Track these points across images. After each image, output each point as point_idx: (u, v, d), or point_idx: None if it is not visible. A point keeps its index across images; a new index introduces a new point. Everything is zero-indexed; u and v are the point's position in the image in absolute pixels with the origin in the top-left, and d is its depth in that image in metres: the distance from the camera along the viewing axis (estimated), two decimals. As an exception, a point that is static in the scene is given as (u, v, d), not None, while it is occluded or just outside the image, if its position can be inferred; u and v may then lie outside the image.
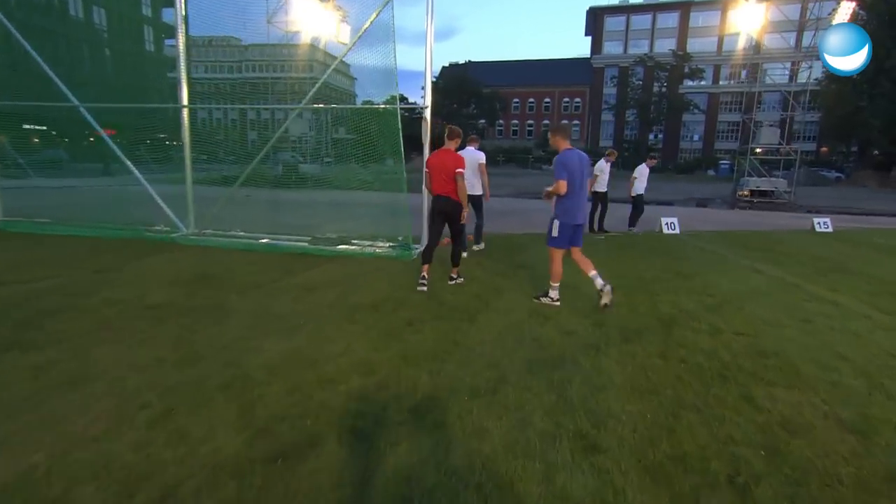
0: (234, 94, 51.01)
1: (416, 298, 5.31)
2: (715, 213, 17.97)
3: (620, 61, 68.67)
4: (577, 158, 5.09)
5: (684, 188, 32.49)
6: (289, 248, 7.81)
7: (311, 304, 5.03)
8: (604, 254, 8.41)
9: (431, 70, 7.94)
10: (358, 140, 8.83)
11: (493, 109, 67.31)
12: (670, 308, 5.15)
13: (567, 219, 5.20)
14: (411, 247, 7.83)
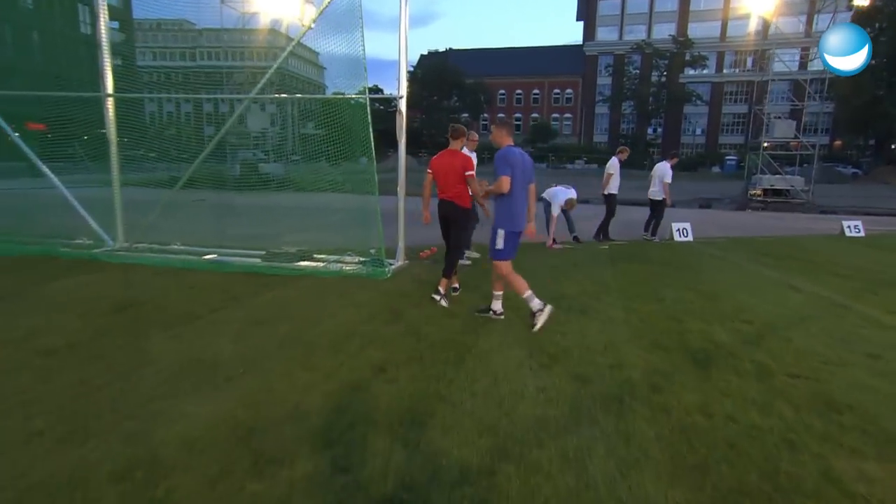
0: (188, 85, 49.92)
1: (390, 333, 4.71)
2: (726, 216, 17.71)
3: (615, 48, 69.16)
4: (521, 157, 4.92)
5: (688, 187, 32.43)
6: (237, 267, 7.14)
7: (256, 343, 4.39)
8: (611, 268, 7.91)
9: (407, 56, 7.38)
10: (327, 136, 8.29)
11: (476, 102, 67.20)
12: (702, 340, 4.62)
13: (513, 226, 4.95)
14: (385, 262, 7.24)
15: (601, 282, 6.98)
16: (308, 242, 8.51)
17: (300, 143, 15.53)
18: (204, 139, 9.68)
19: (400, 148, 7.41)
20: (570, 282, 6.93)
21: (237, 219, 11.67)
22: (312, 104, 18.92)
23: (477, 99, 67.47)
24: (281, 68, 24.26)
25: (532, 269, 7.69)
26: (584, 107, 72.91)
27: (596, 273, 7.54)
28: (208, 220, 11.44)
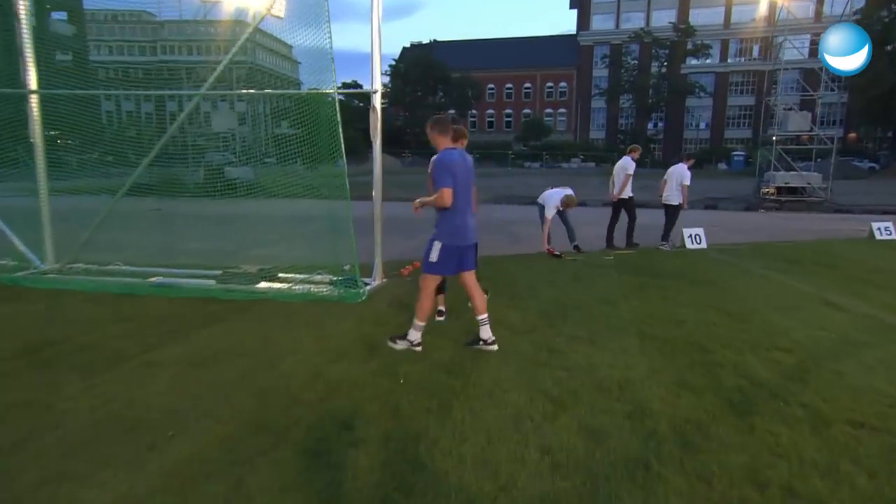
0: (150, 81, 49.16)
1: (362, 375, 4.19)
2: (738, 218, 17.40)
3: (612, 38, 69.39)
4: (462, 160, 4.61)
5: (693, 186, 32.13)
6: (186, 291, 6.59)
7: (195, 391, 3.85)
8: (618, 282, 7.46)
9: (381, 47, 6.90)
10: (297, 136, 7.82)
11: (464, 97, 67.02)
12: (736, 376, 4.14)
13: (455, 240, 4.59)
14: (360, 282, 6.72)
15: (608, 300, 6.52)
16: (273, 258, 7.98)
17: (272, 144, 14.96)
18: (170, 141, 9.25)
19: (375, 148, 6.94)
20: (573, 301, 6.46)
21: (195, 231, 11.11)
22: (284, 101, 18.39)
23: (464, 94, 67.27)
24: (251, 63, 23.75)
25: (528, 284, 7.24)
26: (580, 101, 72.95)
27: (601, 289, 7.07)
28: (160, 233, 10.86)
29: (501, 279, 7.57)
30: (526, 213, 17.95)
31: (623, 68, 65.64)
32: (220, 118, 22.95)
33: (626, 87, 64.64)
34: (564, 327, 5.41)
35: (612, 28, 70.87)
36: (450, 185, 4.40)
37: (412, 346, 4.70)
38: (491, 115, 77.03)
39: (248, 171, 27.53)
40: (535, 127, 68.46)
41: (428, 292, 4.73)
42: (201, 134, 27.24)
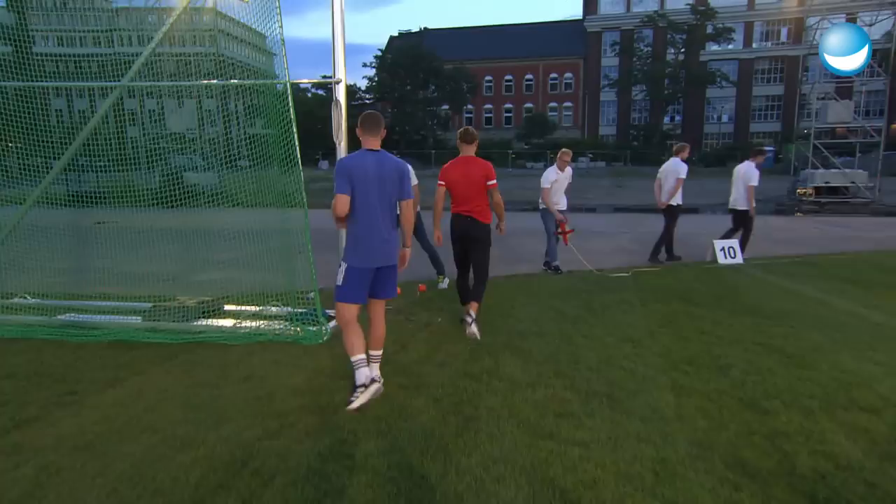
0: (105, 76, 48.52)
1: (306, 457, 3.43)
2: (774, 224, 16.69)
3: (623, 23, 69.16)
4: (375, 164, 4.21)
5: (715, 187, 31.53)
6: (100, 334, 5.82)
7: (65, 493, 3.09)
8: (641, 312, 6.73)
9: (343, 25, 6.18)
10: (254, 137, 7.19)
11: (458, 91, 66.51)
12: (812, 455, 3.39)
13: (359, 260, 4.22)
14: (323, 316, 5.99)
15: (631, 337, 5.79)
16: (223, 284, 7.24)
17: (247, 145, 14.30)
18: (127, 142, 8.59)
19: (338, 148, 6.21)
20: (587, 339, 5.73)
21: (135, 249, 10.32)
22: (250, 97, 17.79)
23: (459, 87, 66.70)
24: (220, 56, 23.15)
25: (530, 316, 6.51)
26: (587, 93, 72.61)
27: (621, 322, 6.35)
28: (92, 254, 10.07)
29: (496, 309, 6.84)
30: (527, 222, 17.18)
31: (635, 56, 65.27)
32: (176, 117, 22.28)
33: (638, 78, 64.20)
34: (577, 378, 4.67)
35: (622, 12, 70.60)
36: (344, 192, 4.05)
37: (366, 389, 4.16)
38: (489, 111, 76.59)
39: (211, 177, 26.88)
40: (538, 123, 67.87)
41: (344, 322, 4.28)
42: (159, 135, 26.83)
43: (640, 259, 10.49)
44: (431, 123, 67.40)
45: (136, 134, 9.41)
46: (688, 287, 8.09)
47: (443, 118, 68.69)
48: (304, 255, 5.99)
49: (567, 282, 8.58)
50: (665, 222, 10.41)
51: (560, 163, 9.28)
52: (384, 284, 4.38)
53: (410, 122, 65.94)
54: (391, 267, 4.37)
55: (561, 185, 9.33)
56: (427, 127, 67.00)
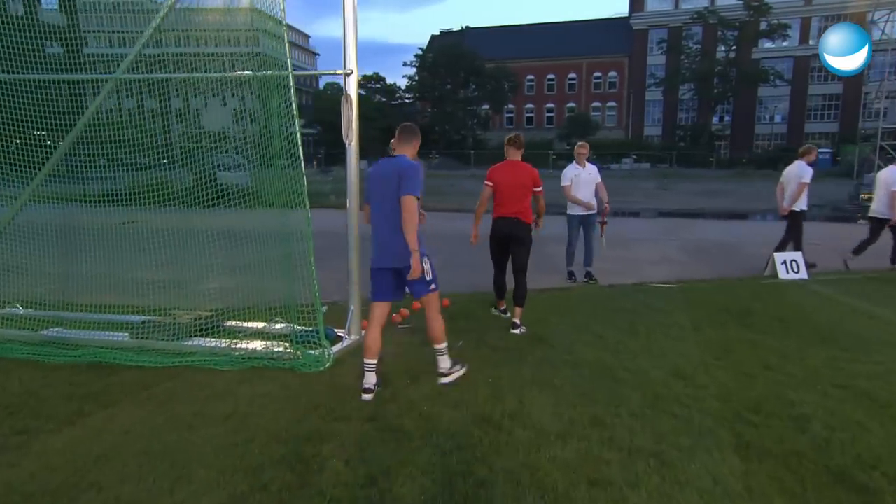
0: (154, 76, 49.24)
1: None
2: (836, 231, 15.38)
3: (671, 20, 67.35)
4: (377, 169, 4.60)
5: (769, 190, 29.88)
6: (81, 354, 5.24)
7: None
8: (693, 337, 5.86)
9: (356, 13, 5.48)
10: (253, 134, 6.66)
11: (499, 90, 65.66)
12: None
13: (372, 262, 4.61)
14: (327, 336, 5.31)
15: (681, 370, 4.96)
16: (231, 293, 6.60)
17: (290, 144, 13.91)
18: (172, 140, 8.31)
19: (350, 149, 5.54)
20: (629, 371, 4.93)
21: (149, 253, 9.83)
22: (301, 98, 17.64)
23: (499, 87, 65.81)
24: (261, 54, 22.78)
25: (563, 340, 5.70)
26: (632, 93, 70.89)
27: (670, 350, 5.51)
28: (103, 257, 9.60)
29: (529, 330, 6.07)
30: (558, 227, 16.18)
31: (683, 54, 63.28)
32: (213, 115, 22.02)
33: (686, 76, 62.29)
34: (617, 427, 3.87)
35: (670, 9, 68.74)
36: (366, 201, 4.60)
37: (365, 391, 4.42)
38: (530, 111, 75.49)
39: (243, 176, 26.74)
40: (580, 123, 66.35)
41: (368, 320, 4.63)
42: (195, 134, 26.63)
43: (686, 270, 9.58)
44: (471, 123, 66.68)
45: (174, 132, 8.92)
46: (746, 307, 7.17)
47: (483, 118, 67.96)
48: (306, 265, 5.32)
49: (607, 297, 7.74)
50: (787, 229, 9.61)
51: (578, 158, 8.66)
52: (410, 285, 4.51)
53: (450, 122, 65.38)
54: (398, 270, 4.44)
55: (585, 182, 8.61)
56: (467, 127, 66.30)
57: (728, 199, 25.22)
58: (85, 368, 4.98)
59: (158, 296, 6.66)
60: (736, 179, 39.71)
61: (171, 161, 8.29)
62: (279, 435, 3.78)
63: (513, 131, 6.89)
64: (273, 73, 5.32)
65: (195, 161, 7.73)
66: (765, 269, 9.35)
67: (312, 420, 4.03)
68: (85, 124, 6.09)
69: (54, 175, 6.47)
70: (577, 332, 6.10)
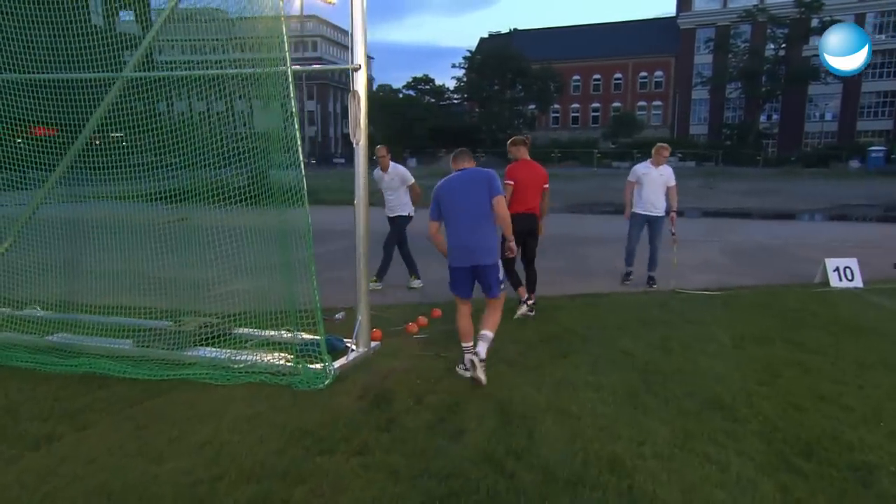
0: (223, 82, 49.77)
1: None
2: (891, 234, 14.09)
3: (718, 19, 64.79)
4: (450, 183, 4.72)
5: (818, 189, 28.36)
6: (78, 363, 4.82)
7: None
8: (732, 356, 5.07)
9: (364, 6, 4.88)
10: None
11: (545, 90, 64.32)
12: None
13: (451, 259, 4.73)
14: (334, 347, 4.77)
15: (719, 398, 4.23)
16: (245, 297, 6.10)
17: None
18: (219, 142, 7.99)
19: (358, 150, 4.96)
20: (656, 398, 4.22)
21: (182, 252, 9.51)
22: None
23: (545, 87, 64.47)
24: (322, 59, 23.28)
25: (587, 359, 4.91)
26: (678, 92, 68.47)
27: (706, 372, 4.75)
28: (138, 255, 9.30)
29: (548, 346, 5.39)
30: (607, 227, 15.34)
31: (730, 53, 60.65)
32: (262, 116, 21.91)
33: (733, 75, 59.69)
34: (638, 472, 3.18)
35: (718, 8, 66.05)
36: (433, 219, 4.74)
37: (465, 370, 4.61)
38: (576, 110, 73.82)
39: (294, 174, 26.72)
40: (625, 122, 64.45)
41: (458, 313, 4.81)
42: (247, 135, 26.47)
43: (729, 275, 8.69)
44: (517, 122, 65.53)
45: (227, 133, 8.44)
46: (794, 320, 6.31)
47: (529, 117, 66.77)
48: (306, 270, 4.77)
49: (640, 306, 6.97)
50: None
51: (656, 157, 7.98)
52: (487, 283, 4.68)
53: (496, 121, 64.42)
54: (484, 267, 4.61)
55: (655, 183, 7.89)
56: (513, 126, 65.21)
57: (775, 199, 23.74)
58: (77, 380, 4.55)
59: (184, 296, 6.16)
60: (784, 178, 37.63)
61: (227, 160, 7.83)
62: (253, 471, 3.22)
63: (558, 131, 7.07)
64: (271, 70, 4.74)
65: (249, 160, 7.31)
66: (816, 277, 8.39)
67: (295, 452, 3.46)
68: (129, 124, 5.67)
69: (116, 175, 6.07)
70: (604, 347, 5.39)
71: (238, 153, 5.72)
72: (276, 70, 4.67)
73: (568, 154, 58.27)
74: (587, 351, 5.28)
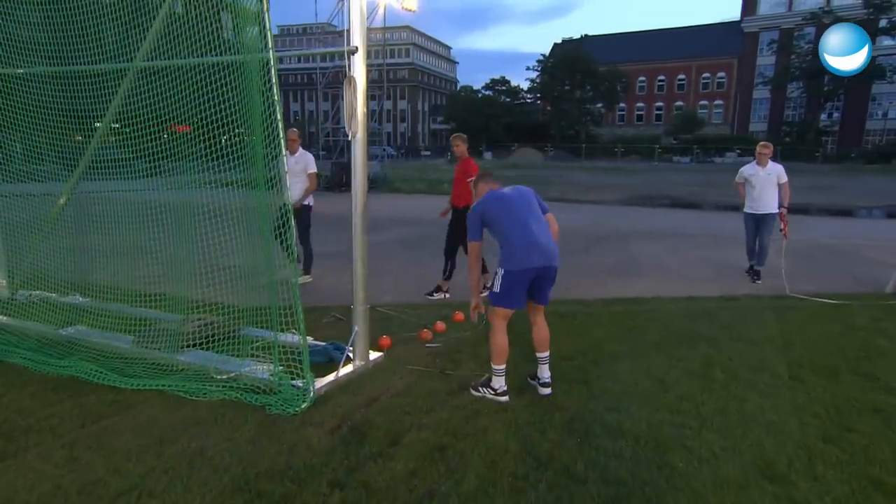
0: (327, 85, 49.96)
1: None
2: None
3: (783, 21, 58.62)
4: (506, 192, 3.72)
5: (880, 186, 24.68)
6: (66, 366, 4.00)
7: None
8: (791, 393, 3.60)
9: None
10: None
11: (612, 90, 60.67)
12: None
13: (514, 263, 3.47)
14: (308, 373, 3.70)
15: (769, 460, 2.87)
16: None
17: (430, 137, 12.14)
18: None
19: (355, 143, 3.82)
20: (688, 453, 2.88)
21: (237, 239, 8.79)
22: (442, 98, 16.77)
23: (612, 87, 60.77)
24: (412, 65, 22.75)
25: (611, 386, 3.57)
26: (739, 91, 62.75)
27: (755, 416, 3.34)
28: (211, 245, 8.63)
29: (569, 364, 4.10)
30: (663, 220, 13.56)
31: (794, 54, 54.61)
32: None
33: (796, 74, 53.78)
34: None
35: (783, 12, 59.67)
36: (476, 239, 3.68)
37: (496, 396, 3.55)
38: (640, 108, 69.36)
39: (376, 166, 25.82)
40: (687, 119, 59.76)
41: (498, 330, 3.58)
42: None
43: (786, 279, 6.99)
44: (585, 119, 62.34)
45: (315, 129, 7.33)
46: (864, 342, 4.70)
47: (596, 115, 63.37)
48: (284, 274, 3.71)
49: (683, 316, 5.50)
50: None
51: (759, 157, 6.97)
52: (543, 291, 3.67)
53: (566, 119, 61.56)
54: (548, 267, 3.58)
55: (761, 182, 6.93)
56: (581, 123, 62.11)
57: (834, 195, 20.72)
58: (54, 385, 3.72)
59: (207, 287, 5.27)
60: (843, 174, 33.33)
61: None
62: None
63: (624, 128, 5.64)
64: (253, 56, 3.63)
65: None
66: (888, 287, 6.57)
67: (240, 497, 2.45)
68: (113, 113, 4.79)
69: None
70: (634, 372, 4.05)
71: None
72: (256, 56, 3.56)
73: (630, 149, 54.77)
74: (613, 376, 3.96)
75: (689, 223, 12.45)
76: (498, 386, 3.54)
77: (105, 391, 3.61)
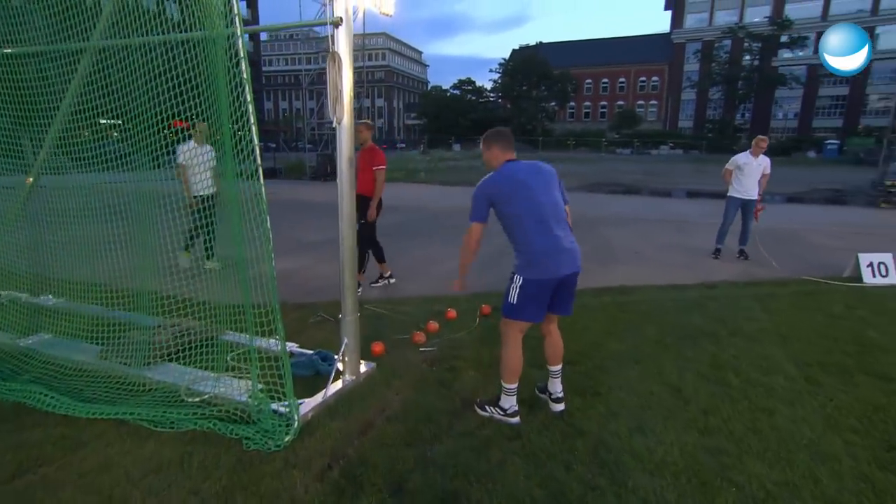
0: (312, 84, 47.48)
1: None
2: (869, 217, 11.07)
3: (705, 34, 58.13)
4: (524, 172, 2.52)
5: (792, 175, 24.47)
6: (11, 390, 2.95)
7: None
8: (812, 401, 2.79)
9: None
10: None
11: (563, 91, 59.56)
12: None
13: (535, 271, 2.47)
14: (293, 402, 2.80)
15: (829, 499, 2.02)
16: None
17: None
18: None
19: (341, 131, 2.79)
20: (738, 491, 2.03)
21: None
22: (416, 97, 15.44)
23: (564, 88, 59.65)
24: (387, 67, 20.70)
25: (624, 403, 2.74)
26: (670, 93, 62.43)
27: (791, 433, 2.51)
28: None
29: (572, 366, 3.23)
30: (622, 206, 12.73)
31: (714, 62, 54.33)
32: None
33: (716, 80, 53.60)
34: None
35: (704, 26, 59.19)
36: (481, 220, 2.49)
37: (505, 416, 2.62)
38: (587, 107, 68.56)
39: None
40: (627, 117, 59.38)
41: (511, 344, 2.59)
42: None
43: (750, 265, 6.28)
44: (541, 116, 61.26)
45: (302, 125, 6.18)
46: (854, 334, 3.97)
47: (550, 112, 62.37)
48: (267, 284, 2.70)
49: (675, 309, 4.69)
50: None
51: (755, 148, 6.45)
52: (565, 302, 2.64)
53: (524, 115, 60.32)
54: (570, 275, 2.56)
55: (754, 171, 6.45)
56: (537, 119, 61.00)
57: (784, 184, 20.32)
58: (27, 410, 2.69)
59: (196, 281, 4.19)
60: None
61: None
62: None
63: (573, 123, 4.41)
64: (219, 31, 2.55)
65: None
66: (846, 271, 5.91)
67: None
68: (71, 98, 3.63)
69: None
70: (645, 378, 3.20)
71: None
72: (220, 33, 2.48)
73: (580, 142, 54.19)
74: (626, 385, 3.11)
75: (647, 208, 11.70)
76: (508, 406, 2.66)
77: (54, 423, 2.59)
